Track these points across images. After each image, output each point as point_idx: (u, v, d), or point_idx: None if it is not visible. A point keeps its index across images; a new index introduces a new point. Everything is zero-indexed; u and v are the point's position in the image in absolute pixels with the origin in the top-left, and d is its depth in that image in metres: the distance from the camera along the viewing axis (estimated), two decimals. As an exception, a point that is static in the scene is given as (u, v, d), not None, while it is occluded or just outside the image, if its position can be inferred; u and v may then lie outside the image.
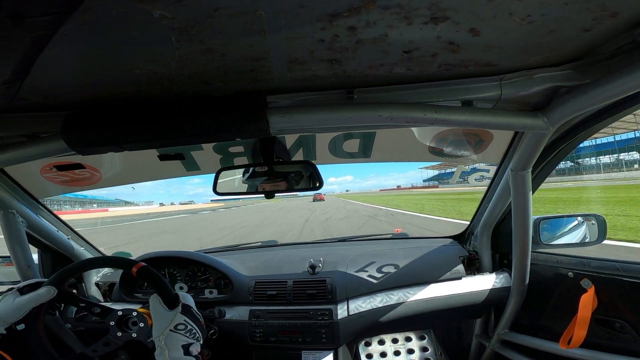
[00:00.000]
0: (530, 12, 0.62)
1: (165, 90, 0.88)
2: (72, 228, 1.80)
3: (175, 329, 1.01)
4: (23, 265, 1.49)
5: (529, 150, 1.15)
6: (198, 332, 1.06)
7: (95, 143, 0.92)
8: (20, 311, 1.10)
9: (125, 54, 0.69)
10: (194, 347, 1.00)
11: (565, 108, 0.89)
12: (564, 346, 1.35)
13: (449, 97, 0.93)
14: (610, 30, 0.70)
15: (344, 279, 1.68)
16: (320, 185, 1.27)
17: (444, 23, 0.64)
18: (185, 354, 0.98)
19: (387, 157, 1.71)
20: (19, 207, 1.43)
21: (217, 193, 1.37)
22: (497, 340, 1.73)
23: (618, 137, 62.44)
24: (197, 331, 1.05)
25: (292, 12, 0.59)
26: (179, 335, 1.00)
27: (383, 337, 2.04)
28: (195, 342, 1.02)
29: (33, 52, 0.54)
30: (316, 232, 12.24)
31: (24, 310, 1.11)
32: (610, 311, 1.30)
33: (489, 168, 1.76)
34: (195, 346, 1.01)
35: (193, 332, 1.03)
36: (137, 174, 1.71)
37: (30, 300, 1.12)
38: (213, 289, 1.77)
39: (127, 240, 13.20)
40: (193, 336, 1.03)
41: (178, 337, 1.00)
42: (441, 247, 1.92)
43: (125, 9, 0.54)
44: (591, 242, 1.64)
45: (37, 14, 0.44)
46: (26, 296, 1.13)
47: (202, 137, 0.93)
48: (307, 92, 0.95)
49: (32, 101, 0.88)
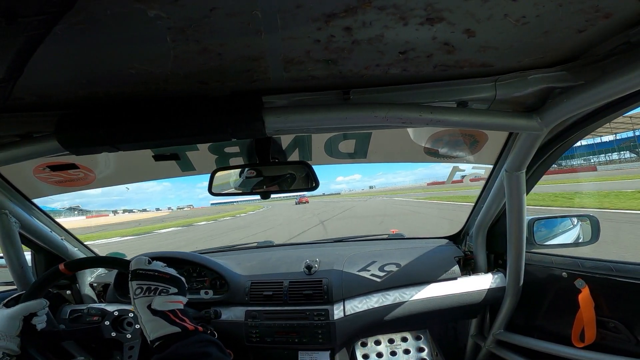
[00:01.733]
0: (525, 13, 0.62)
1: (161, 90, 0.87)
2: (66, 229, 1.78)
3: (136, 296, 1.00)
4: (16, 266, 1.48)
5: (524, 150, 1.16)
6: (160, 285, 1.02)
7: (90, 143, 0.91)
8: (14, 321, 1.09)
9: (121, 53, 0.69)
10: (156, 303, 0.97)
11: (560, 109, 0.89)
12: (577, 344, 1.36)
13: (444, 98, 0.94)
14: (604, 31, 0.71)
15: (340, 280, 1.68)
16: (316, 185, 1.27)
17: (440, 24, 0.65)
18: (154, 314, 0.96)
19: (383, 157, 1.71)
20: (12, 208, 1.41)
21: (213, 194, 1.37)
22: (492, 340, 1.74)
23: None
24: (157, 285, 1.02)
25: (288, 12, 0.59)
26: (140, 299, 0.99)
27: (379, 337, 2.04)
28: (158, 296, 0.99)
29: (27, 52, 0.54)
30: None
31: (18, 321, 1.10)
32: (604, 311, 1.31)
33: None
34: (159, 300, 0.98)
35: (152, 289, 1.00)
36: (132, 174, 1.70)
37: (21, 311, 1.11)
38: (209, 290, 1.76)
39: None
40: (154, 292, 1.00)
41: (141, 302, 0.98)
42: (436, 248, 1.93)
43: (120, 9, 0.54)
44: (585, 242, 1.65)
45: (31, 14, 0.44)
46: (17, 307, 1.12)
47: (197, 137, 0.93)
48: (303, 92, 0.95)
49: (26, 101, 0.87)
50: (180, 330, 0.94)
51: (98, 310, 1.51)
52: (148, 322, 0.95)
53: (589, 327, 1.32)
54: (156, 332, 0.93)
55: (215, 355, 0.87)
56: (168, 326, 0.94)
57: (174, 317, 0.96)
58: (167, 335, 0.93)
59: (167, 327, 0.94)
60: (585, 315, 1.32)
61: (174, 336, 0.93)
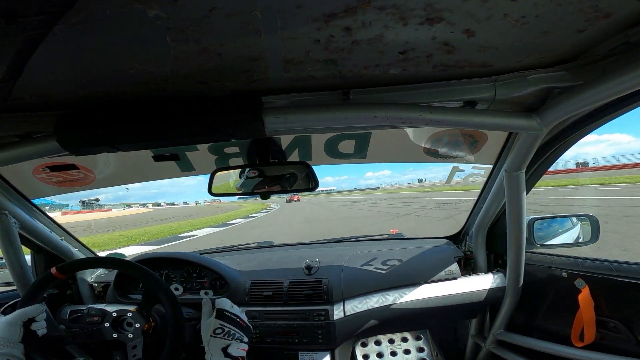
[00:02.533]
0: (524, 13, 0.62)
1: (161, 90, 0.87)
2: (65, 229, 1.78)
3: (214, 334, 1.11)
4: (16, 267, 1.48)
5: (523, 150, 1.16)
6: (238, 332, 1.15)
7: (89, 143, 0.91)
8: (14, 327, 1.10)
9: (120, 53, 0.69)
10: (232, 348, 1.09)
11: (559, 109, 0.89)
12: (577, 343, 1.36)
13: (444, 98, 0.94)
14: (604, 31, 0.71)
15: (340, 280, 1.68)
16: (316, 185, 1.27)
17: (439, 24, 0.65)
18: (226, 356, 1.08)
19: (383, 157, 1.71)
20: (11, 208, 1.41)
21: (212, 194, 1.37)
22: (492, 340, 1.74)
23: None
24: (235, 331, 1.14)
25: (288, 13, 0.59)
26: (218, 340, 1.10)
27: (379, 337, 2.04)
28: (234, 342, 1.11)
29: (26, 52, 0.54)
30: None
31: (17, 327, 1.10)
32: (604, 311, 1.31)
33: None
34: (235, 346, 1.10)
35: (232, 334, 1.12)
36: (131, 174, 1.70)
37: (19, 317, 1.12)
38: (208, 290, 1.76)
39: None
40: (232, 337, 1.12)
41: (217, 342, 1.10)
42: (436, 248, 1.93)
43: (120, 9, 0.54)
44: (585, 242, 1.65)
45: (30, 14, 0.44)
46: (15, 313, 1.12)
47: (197, 138, 0.93)
48: (303, 92, 0.95)
49: (26, 101, 0.87)
50: None
51: (98, 310, 1.51)
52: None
53: (588, 327, 1.32)
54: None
55: None
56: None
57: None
58: None
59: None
60: (585, 315, 1.32)
61: None
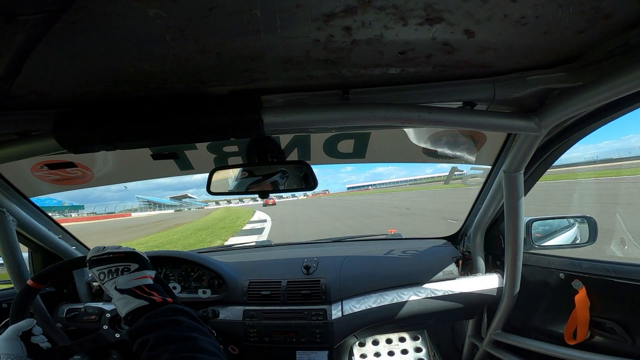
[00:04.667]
0: (524, 14, 0.63)
1: (160, 89, 0.87)
2: (63, 227, 1.78)
3: (101, 281, 1.00)
4: (13, 265, 1.47)
5: (522, 152, 1.16)
6: (119, 264, 1.02)
7: (88, 142, 0.91)
8: (14, 343, 1.09)
9: (119, 52, 0.69)
10: (121, 282, 0.97)
11: (558, 110, 0.90)
12: (570, 341, 1.37)
13: (443, 98, 0.94)
14: (604, 32, 0.71)
15: (338, 280, 1.68)
16: (315, 184, 1.27)
17: (439, 24, 0.65)
18: (123, 293, 0.96)
19: (382, 157, 1.71)
20: (9, 206, 1.41)
21: (211, 193, 1.36)
22: (489, 340, 1.74)
23: None
24: (117, 266, 1.01)
25: (287, 12, 0.59)
26: (107, 283, 0.99)
27: (377, 337, 2.05)
28: (120, 276, 0.99)
29: (25, 50, 0.54)
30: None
31: (17, 342, 1.09)
32: (601, 312, 1.32)
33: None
34: (123, 279, 0.98)
35: (112, 272, 1.00)
36: (130, 173, 1.70)
37: (14, 332, 1.11)
38: (206, 289, 1.76)
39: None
40: (116, 273, 1.00)
41: (108, 285, 0.98)
42: (434, 248, 1.94)
43: (119, 8, 0.54)
44: (582, 243, 1.66)
45: (30, 12, 0.43)
46: (8, 330, 1.11)
47: (196, 137, 0.93)
48: (302, 92, 0.95)
49: (24, 99, 0.86)
50: (148, 302, 0.94)
51: (95, 309, 1.51)
52: (117, 300, 0.97)
53: (581, 327, 1.33)
54: (125, 308, 0.94)
55: (187, 323, 0.88)
56: (135, 300, 0.95)
57: (140, 292, 0.97)
58: (136, 309, 0.93)
59: (135, 302, 0.95)
60: (580, 316, 1.33)
61: (143, 309, 0.93)
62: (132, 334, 0.88)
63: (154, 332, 0.85)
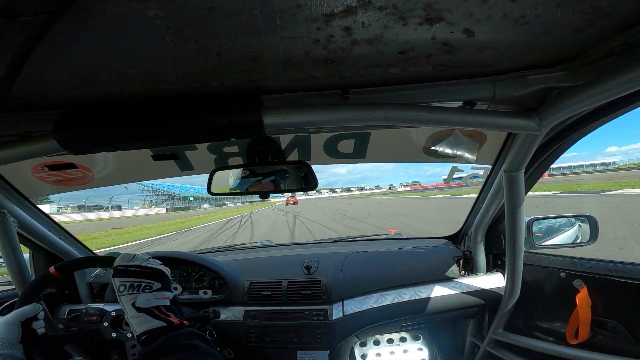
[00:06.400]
0: (524, 13, 0.62)
1: (160, 89, 0.87)
2: (64, 228, 1.78)
3: (120, 293, 1.00)
4: (14, 266, 1.47)
5: (522, 151, 1.16)
6: (144, 281, 1.02)
7: (88, 143, 0.91)
8: (13, 328, 1.09)
9: (119, 53, 0.69)
10: (140, 300, 0.97)
11: (558, 109, 0.89)
12: (572, 341, 1.37)
13: (443, 98, 0.94)
14: (603, 31, 0.71)
15: (339, 280, 1.68)
16: (315, 185, 1.27)
17: (439, 24, 0.65)
18: (139, 311, 0.96)
19: (382, 157, 1.71)
20: (10, 207, 1.41)
21: (212, 193, 1.36)
22: (490, 340, 1.74)
23: None
24: (140, 282, 1.02)
25: (287, 12, 0.59)
26: (125, 297, 0.99)
27: (378, 337, 2.04)
28: (141, 293, 0.99)
29: (25, 51, 0.54)
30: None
31: (16, 327, 1.09)
32: (603, 311, 1.31)
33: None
34: (143, 298, 0.98)
35: (136, 286, 1.00)
36: (131, 174, 1.70)
37: (17, 317, 1.11)
38: (207, 290, 1.76)
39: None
40: (138, 289, 1.00)
41: (125, 299, 0.98)
42: (435, 248, 1.93)
43: (119, 9, 0.54)
44: (583, 242, 1.66)
45: (29, 13, 0.43)
46: (13, 313, 1.11)
47: (196, 137, 0.93)
48: (302, 92, 0.95)
49: (24, 100, 0.86)
50: (166, 324, 0.94)
51: (97, 310, 1.51)
52: (133, 318, 0.96)
53: (583, 326, 1.32)
54: (141, 327, 0.93)
55: (203, 348, 0.87)
56: (153, 321, 0.94)
57: (158, 313, 0.96)
58: (152, 330, 0.93)
59: (152, 322, 0.94)
60: (582, 315, 1.32)
61: (160, 330, 0.93)
62: (148, 355, 0.88)
63: (171, 356, 0.85)
